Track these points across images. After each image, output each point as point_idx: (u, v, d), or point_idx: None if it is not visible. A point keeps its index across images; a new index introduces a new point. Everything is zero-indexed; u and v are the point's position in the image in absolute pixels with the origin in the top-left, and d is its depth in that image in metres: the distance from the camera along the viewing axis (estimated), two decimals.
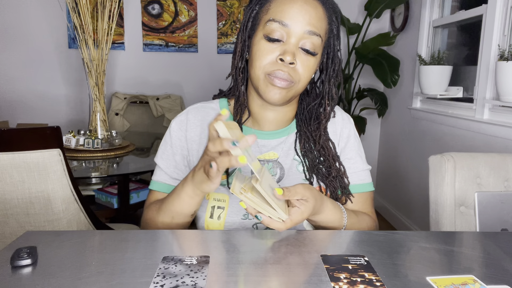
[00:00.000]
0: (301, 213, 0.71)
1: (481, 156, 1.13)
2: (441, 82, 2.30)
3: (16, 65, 3.09)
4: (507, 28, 1.85)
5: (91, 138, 2.03)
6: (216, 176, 0.67)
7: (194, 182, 0.74)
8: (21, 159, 1.13)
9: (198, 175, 0.72)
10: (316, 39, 0.80)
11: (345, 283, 0.56)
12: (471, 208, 1.11)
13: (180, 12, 3.18)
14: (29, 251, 0.61)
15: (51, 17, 3.05)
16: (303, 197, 0.71)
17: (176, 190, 0.80)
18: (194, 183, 0.74)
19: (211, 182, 0.69)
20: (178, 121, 0.91)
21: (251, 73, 0.83)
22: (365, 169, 0.94)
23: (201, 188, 0.73)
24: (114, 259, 0.62)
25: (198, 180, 0.72)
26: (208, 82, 3.27)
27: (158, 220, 0.83)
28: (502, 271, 0.62)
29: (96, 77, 2.13)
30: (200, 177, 0.72)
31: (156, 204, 0.87)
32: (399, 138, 2.97)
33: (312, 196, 0.73)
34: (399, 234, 0.76)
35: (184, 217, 0.82)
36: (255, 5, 0.84)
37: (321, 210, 0.78)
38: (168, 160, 0.90)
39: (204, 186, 0.72)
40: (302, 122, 0.92)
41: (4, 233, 1.20)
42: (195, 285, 0.54)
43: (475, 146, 2.01)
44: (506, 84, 1.68)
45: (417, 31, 2.68)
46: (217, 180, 0.69)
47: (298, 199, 0.71)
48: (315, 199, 0.74)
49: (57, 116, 3.18)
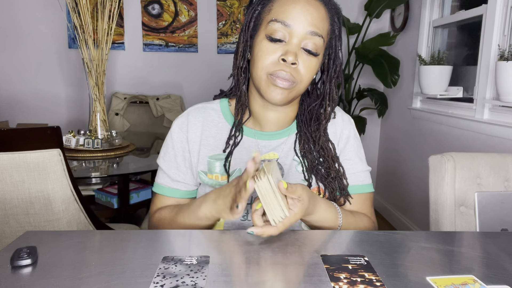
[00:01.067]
0: (294, 215, 0.71)
1: (481, 156, 1.13)
2: (441, 82, 2.30)
3: (16, 65, 3.09)
4: (507, 28, 1.85)
5: (91, 138, 2.03)
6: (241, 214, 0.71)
7: (216, 207, 0.77)
8: (21, 159, 1.13)
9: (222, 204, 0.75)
10: (318, 39, 0.80)
11: (345, 283, 0.56)
12: (471, 208, 1.11)
13: (180, 12, 3.18)
14: (29, 251, 0.61)
15: (51, 17, 3.05)
16: (300, 196, 0.72)
17: (193, 208, 0.82)
18: (215, 210, 0.77)
19: (232, 217, 0.72)
20: (179, 123, 0.92)
21: (253, 73, 0.83)
22: (364, 170, 0.94)
23: (222, 216, 0.76)
24: (114, 259, 0.62)
25: (220, 209, 0.75)
26: (208, 82, 3.27)
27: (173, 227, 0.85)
28: (502, 271, 0.62)
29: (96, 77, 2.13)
30: (223, 207, 0.74)
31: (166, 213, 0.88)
32: (399, 138, 2.97)
33: (306, 197, 0.73)
34: (399, 234, 0.76)
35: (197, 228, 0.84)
36: (258, 5, 0.84)
37: (314, 211, 0.78)
38: (170, 162, 0.91)
39: (225, 216, 0.75)
40: (302, 123, 0.92)
41: (4, 233, 1.20)
42: (195, 285, 0.54)
43: (475, 146, 2.01)
44: (506, 84, 1.68)
45: (417, 31, 2.68)
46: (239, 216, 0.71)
47: (294, 198, 0.71)
48: (308, 200, 0.74)
49: (57, 116, 3.18)
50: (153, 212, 0.91)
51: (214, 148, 0.89)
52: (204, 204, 0.79)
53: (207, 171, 0.89)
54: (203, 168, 0.89)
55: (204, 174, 0.89)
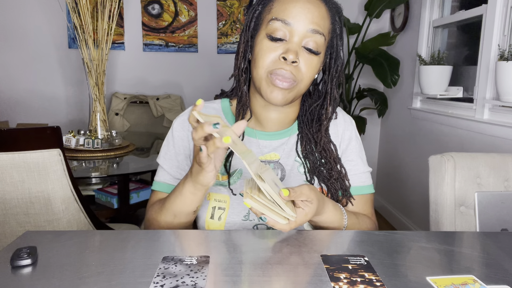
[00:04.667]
0: (305, 214, 0.71)
1: (481, 156, 1.13)
2: (441, 82, 2.30)
3: (16, 65, 3.09)
4: (507, 28, 1.85)
5: (91, 138, 2.03)
6: (208, 163, 0.67)
7: (192, 176, 0.73)
8: (21, 159, 1.13)
9: (194, 167, 0.72)
10: (319, 38, 0.79)
11: (345, 283, 0.56)
12: (471, 208, 1.11)
13: (180, 12, 3.18)
14: (29, 251, 0.61)
15: (51, 17, 3.05)
16: (308, 198, 0.71)
17: (177, 188, 0.79)
18: (192, 178, 0.74)
19: (204, 171, 0.69)
20: (180, 121, 0.91)
21: (254, 73, 0.83)
22: (365, 171, 0.94)
23: (198, 180, 0.72)
24: (114, 259, 0.62)
25: (195, 173, 0.72)
26: (208, 82, 3.27)
27: (161, 219, 0.83)
28: (502, 271, 0.62)
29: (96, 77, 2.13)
30: (195, 169, 0.71)
31: (158, 204, 0.86)
32: (399, 138, 2.97)
33: (316, 198, 0.73)
34: (399, 234, 0.76)
35: (186, 216, 0.81)
36: (258, 5, 0.84)
37: (322, 211, 0.78)
38: (171, 160, 0.90)
39: (201, 178, 0.71)
40: (303, 124, 0.92)
41: (4, 233, 1.20)
42: (195, 285, 0.54)
43: (475, 146, 2.01)
44: (506, 84, 1.68)
45: (417, 31, 2.68)
46: (210, 167, 0.68)
47: (303, 200, 0.71)
48: (318, 201, 0.74)
49: (57, 116, 3.18)
50: (149, 206, 0.90)
51: None
52: (185, 181, 0.77)
53: None
54: None
55: None
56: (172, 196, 0.80)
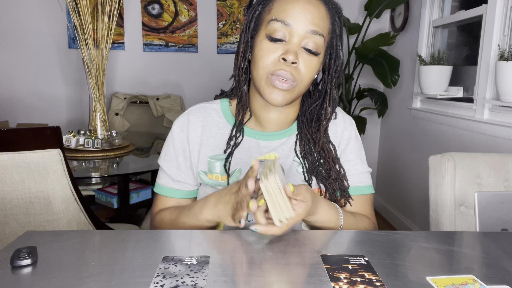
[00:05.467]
0: (297, 215, 0.71)
1: (481, 156, 1.13)
2: (441, 82, 2.30)
3: (16, 65, 3.08)
4: (507, 28, 1.85)
5: (91, 138, 2.03)
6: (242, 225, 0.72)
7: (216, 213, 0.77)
8: (21, 159, 1.13)
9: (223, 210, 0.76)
10: (318, 38, 0.79)
11: (345, 283, 0.56)
12: (471, 208, 1.11)
13: (180, 12, 3.18)
14: (29, 251, 0.61)
15: (51, 17, 3.05)
16: (304, 198, 0.72)
17: (193, 211, 0.82)
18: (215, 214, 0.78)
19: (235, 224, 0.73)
20: (180, 123, 0.91)
21: (254, 73, 0.83)
22: (365, 171, 0.94)
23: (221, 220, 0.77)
24: (114, 259, 0.62)
25: (221, 215, 0.76)
26: (208, 82, 3.27)
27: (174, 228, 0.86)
28: (502, 271, 0.62)
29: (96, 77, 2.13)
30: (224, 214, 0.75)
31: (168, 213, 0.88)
32: (399, 138, 2.97)
33: (310, 198, 0.73)
34: (399, 234, 0.76)
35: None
36: (258, 6, 0.84)
37: (315, 212, 0.78)
38: (171, 162, 0.91)
39: (227, 223, 0.76)
40: (303, 124, 0.92)
41: (4, 233, 1.20)
42: (195, 285, 0.54)
43: (475, 146, 2.01)
44: (506, 84, 1.68)
45: (417, 31, 2.68)
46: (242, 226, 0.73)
47: (299, 199, 0.71)
48: (312, 201, 0.74)
49: (57, 116, 3.18)
50: (155, 213, 0.92)
51: (215, 148, 0.89)
52: (204, 209, 0.79)
53: (207, 171, 0.89)
54: (203, 168, 0.89)
55: (204, 174, 0.89)
56: (187, 217, 0.83)
